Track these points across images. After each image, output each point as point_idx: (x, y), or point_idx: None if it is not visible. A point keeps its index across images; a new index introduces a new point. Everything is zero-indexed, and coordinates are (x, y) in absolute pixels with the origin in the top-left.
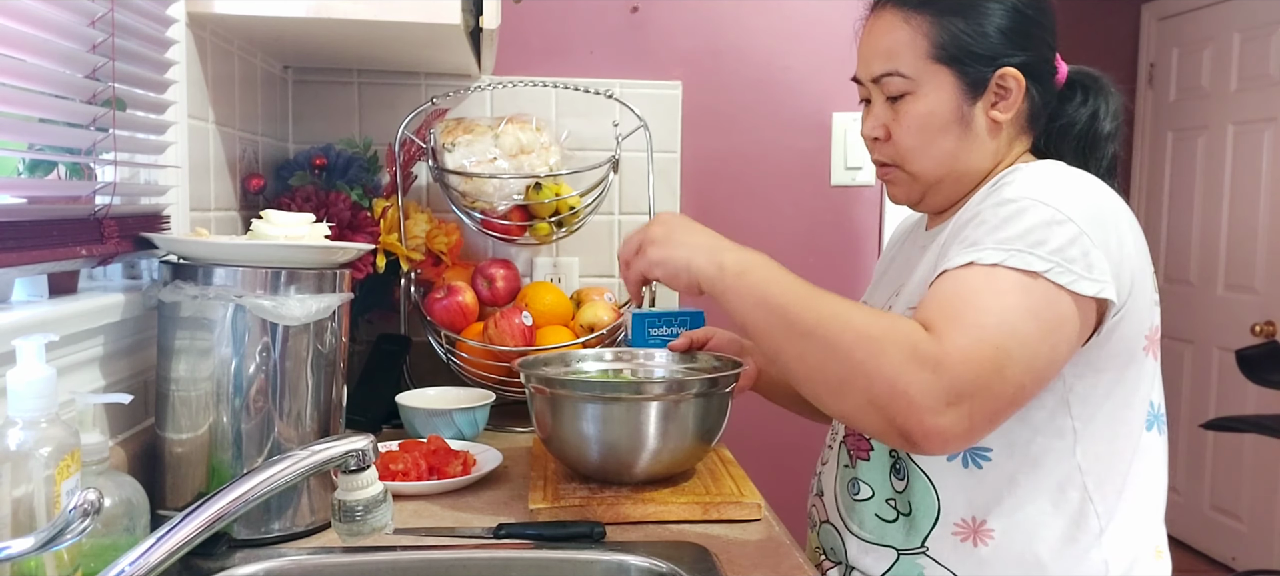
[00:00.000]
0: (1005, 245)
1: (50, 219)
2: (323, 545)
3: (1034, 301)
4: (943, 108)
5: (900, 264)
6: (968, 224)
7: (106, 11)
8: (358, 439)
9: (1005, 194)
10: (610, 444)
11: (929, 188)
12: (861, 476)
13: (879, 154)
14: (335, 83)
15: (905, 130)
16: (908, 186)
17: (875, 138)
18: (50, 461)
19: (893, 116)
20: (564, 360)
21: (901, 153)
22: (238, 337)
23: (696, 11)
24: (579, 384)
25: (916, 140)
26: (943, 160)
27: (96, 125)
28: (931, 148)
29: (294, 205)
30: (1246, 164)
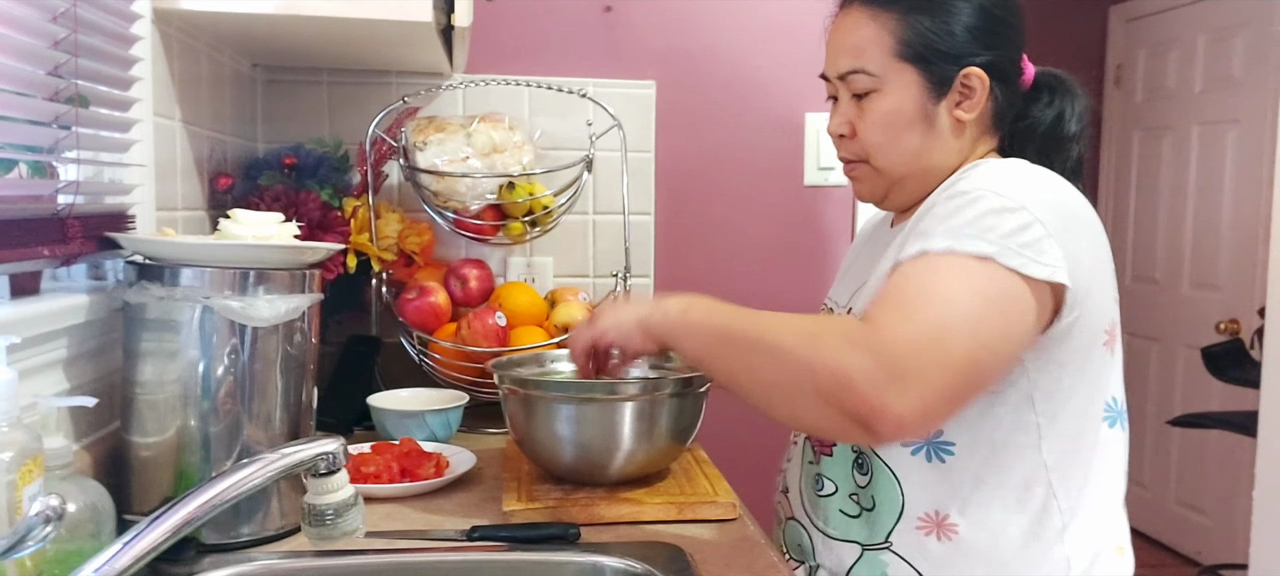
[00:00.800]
0: (955, 232)
1: (12, 218)
2: (293, 549)
3: (979, 281)
4: (907, 106)
5: (864, 260)
6: (923, 217)
7: (69, 7)
8: (328, 442)
9: (959, 187)
10: (584, 445)
11: (893, 184)
12: (825, 472)
13: (845, 150)
14: (305, 81)
15: (870, 127)
16: (872, 182)
17: (841, 134)
18: (12, 466)
19: (858, 113)
20: (538, 360)
21: (866, 149)
22: (205, 339)
23: (670, 11)
24: (552, 385)
25: (881, 137)
26: (907, 157)
27: (59, 123)
28: (896, 145)
29: (263, 205)
30: (1211, 164)
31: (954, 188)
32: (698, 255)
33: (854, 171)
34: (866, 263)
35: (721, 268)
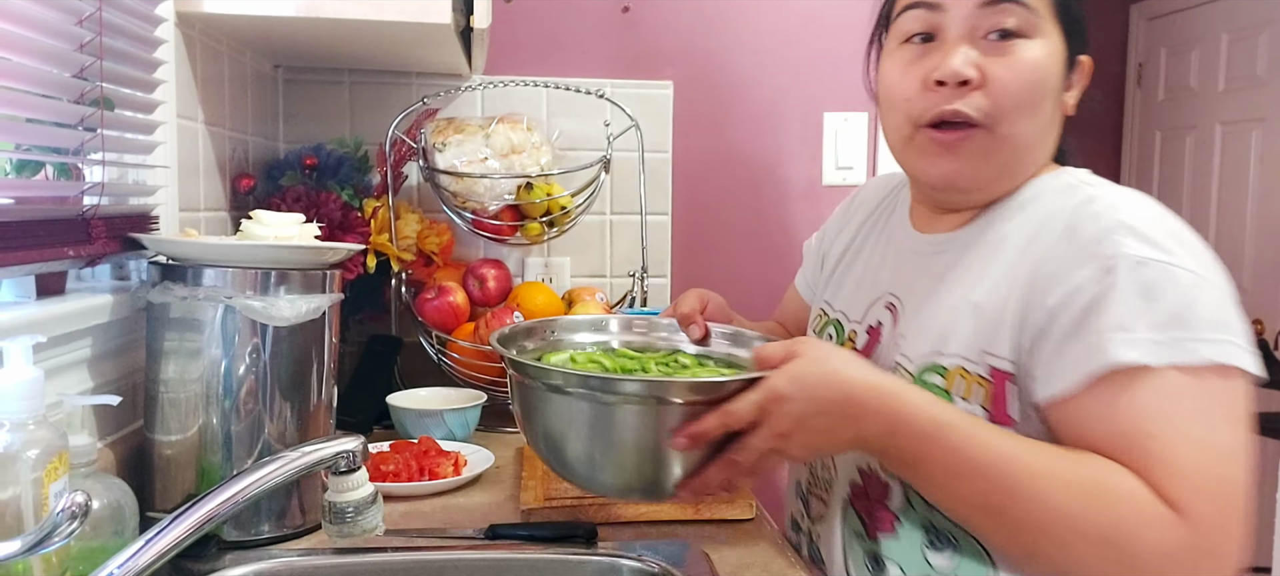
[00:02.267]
0: (1165, 332)
1: (38, 219)
2: (313, 546)
3: (1230, 405)
4: (1054, 66)
5: (876, 264)
6: (1087, 285)
7: (94, 10)
8: (348, 440)
9: (1125, 249)
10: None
11: (1005, 167)
12: (887, 554)
13: (960, 103)
14: (326, 82)
15: (1012, 77)
16: (983, 159)
17: (963, 80)
18: (38, 463)
19: (995, 58)
20: (549, 329)
21: (998, 106)
22: (227, 338)
23: (688, 11)
24: (571, 378)
25: (1023, 94)
26: (1035, 133)
27: (84, 125)
28: (1034, 110)
29: (284, 205)
30: (1234, 164)
31: (1118, 247)
32: (715, 255)
33: (960, 140)
34: (882, 268)
35: (739, 268)
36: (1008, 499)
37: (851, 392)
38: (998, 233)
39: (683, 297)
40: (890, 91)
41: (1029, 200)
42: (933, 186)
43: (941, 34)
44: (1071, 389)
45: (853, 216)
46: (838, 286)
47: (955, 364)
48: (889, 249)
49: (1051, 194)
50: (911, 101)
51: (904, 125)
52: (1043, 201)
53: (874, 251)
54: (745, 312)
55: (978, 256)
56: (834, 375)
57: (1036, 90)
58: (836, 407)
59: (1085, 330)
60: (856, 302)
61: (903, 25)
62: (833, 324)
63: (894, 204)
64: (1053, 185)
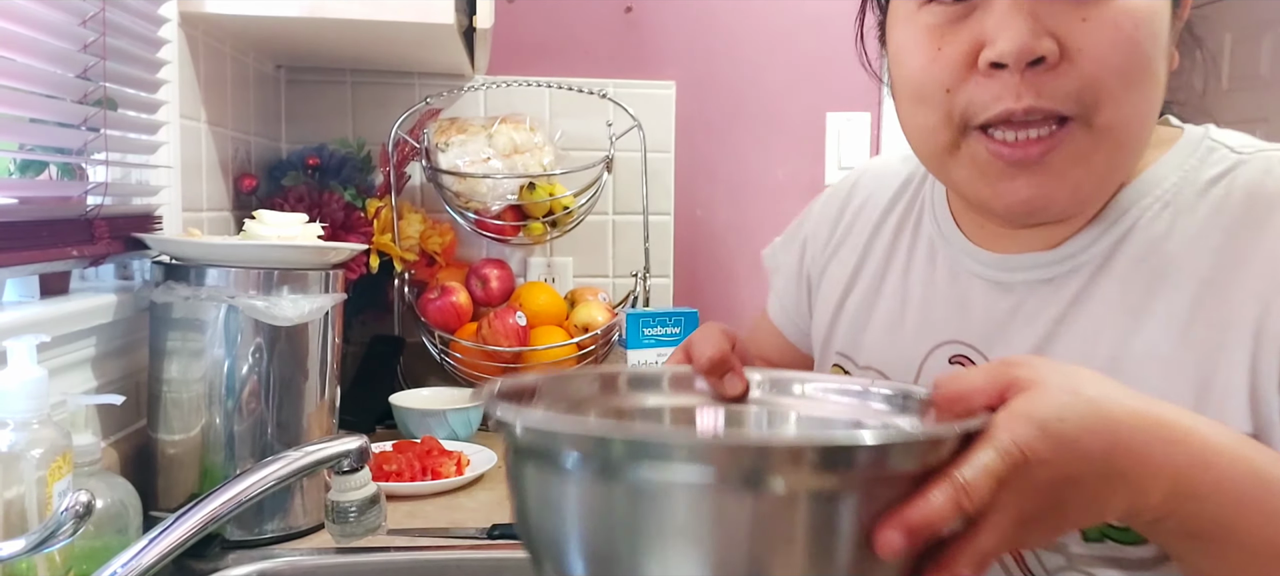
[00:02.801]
0: None
1: (41, 219)
2: (316, 546)
3: None
4: (1165, 9)
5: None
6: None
7: (98, 11)
8: (351, 440)
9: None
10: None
11: (1112, 169)
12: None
13: (1031, 93)
14: (328, 82)
15: (1114, 36)
16: (1081, 166)
17: (1037, 58)
18: (42, 463)
19: (1075, 19)
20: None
21: (1096, 86)
22: (230, 338)
23: (690, 12)
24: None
25: (1130, 61)
26: (1150, 109)
27: (88, 125)
28: (1145, 80)
29: (287, 205)
30: None
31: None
32: (717, 256)
33: (1044, 150)
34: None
35: (741, 269)
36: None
37: (1122, 437)
38: (1153, 246)
39: (700, 337)
40: (914, 78)
41: (1171, 191)
42: (1006, 217)
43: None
44: None
45: (851, 224)
46: (856, 330)
47: None
48: (934, 273)
49: (1202, 173)
50: (954, 94)
51: (942, 128)
52: (1193, 187)
53: (908, 280)
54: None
55: (1130, 285)
56: (1098, 410)
57: (1146, 52)
58: (1107, 463)
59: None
60: (897, 354)
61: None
62: (843, 366)
63: (917, 202)
64: (1193, 160)
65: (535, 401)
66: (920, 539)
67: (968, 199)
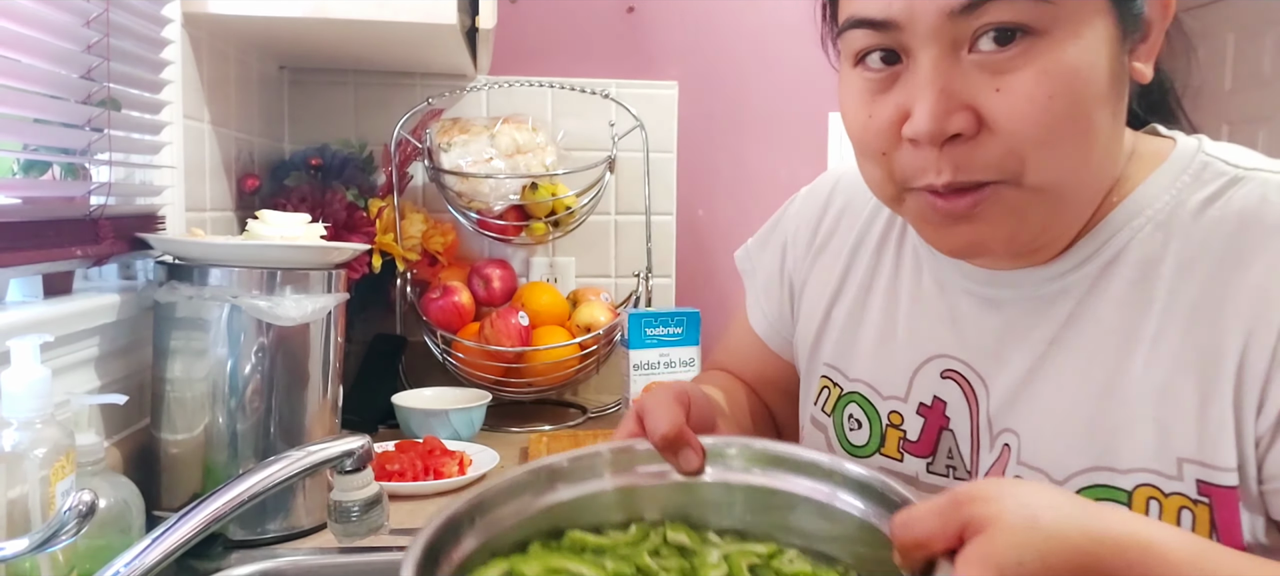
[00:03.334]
0: None
1: (45, 219)
2: (319, 546)
3: None
4: (1098, 57)
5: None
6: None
7: (101, 12)
8: (353, 439)
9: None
10: None
11: (1056, 210)
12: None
13: (951, 167)
14: (331, 83)
15: (1031, 105)
16: (1017, 217)
17: (953, 134)
18: (45, 462)
19: (993, 82)
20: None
21: (1020, 152)
22: (233, 338)
23: (692, 12)
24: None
25: (1057, 123)
26: (1092, 157)
27: (91, 125)
28: (1076, 136)
29: (290, 205)
30: None
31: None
32: (719, 255)
33: (972, 205)
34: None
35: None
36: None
37: (1086, 565)
38: (1146, 269)
39: (653, 407)
40: (856, 136)
41: (1163, 211)
42: (956, 256)
43: (908, 54)
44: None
45: (830, 234)
46: (845, 342)
47: (1140, 483)
48: (920, 286)
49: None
50: (889, 157)
51: (886, 183)
52: (1187, 209)
53: (897, 290)
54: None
55: (1123, 307)
56: (1057, 543)
57: (1070, 113)
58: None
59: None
60: (888, 368)
61: (850, 41)
62: (854, 400)
63: (901, 218)
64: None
65: (461, 540)
66: None
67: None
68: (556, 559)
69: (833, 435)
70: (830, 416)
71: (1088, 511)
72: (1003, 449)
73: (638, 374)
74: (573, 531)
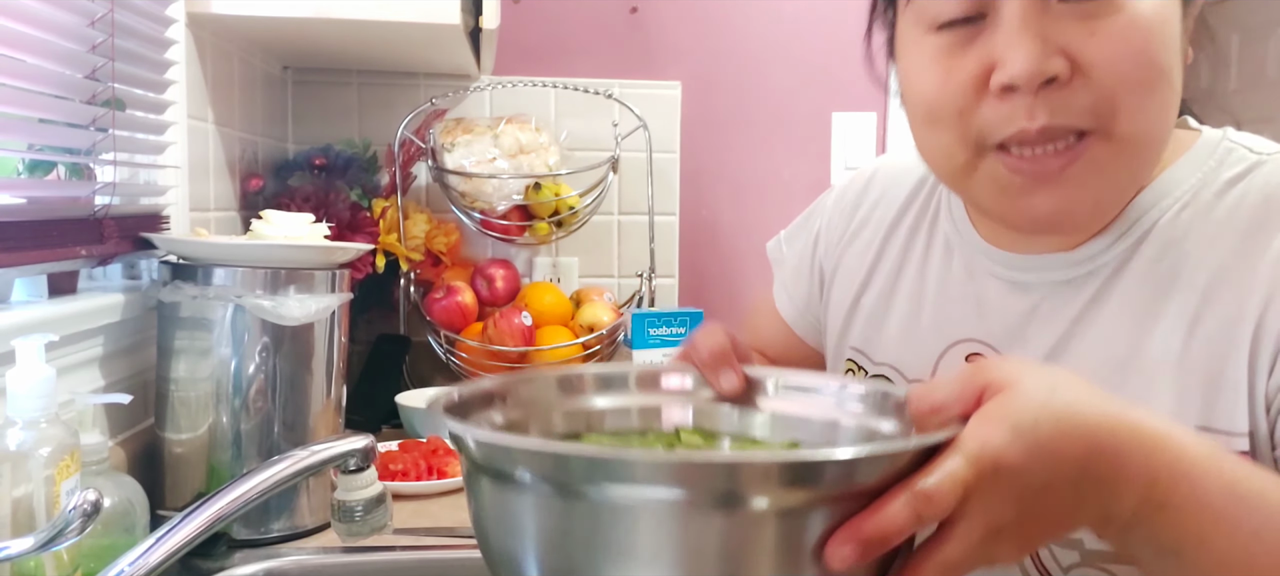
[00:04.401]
0: None
1: (50, 219)
2: (322, 545)
3: None
4: (1175, 9)
5: (933, 296)
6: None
7: (106, 12)
8: (357, 439)
9: None
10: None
11: (1134, 175)
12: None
13: (1046, 111)
14: (334, 83)
15: (1125, 48)
16: (1102, 176)
17: (1048, 78)
18: (50, 461)
19: (1083, 34)
20: (555, 387)
21: (1112, 98)
22: (237, 338)
23: (696, 12)
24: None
25: (1144, 70)
26: (1168, 112)
27: (96, 125)
28: (1161, 85)
29: (293, 205)
30: None
31: None
32: (722, 256)
33: (1063, 164)
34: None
35: (747, 269)
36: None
37: (1098, 442)
38: (1168, 247)
39: (702, 333)
40: (927, 101)
41: (1189, 193)
42: (1028, 231)
43: (992, 6)
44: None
45: (865, 221)
46: (872, 327)
47: None
48: (949, 271)
49: (1221, 173)
50: (967, 115)
51: (958, 148)
52: (1212, 188)
53: (925, 276)
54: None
55: (1146, 285)
56: (1073, 415)
57: (1159, 60)
58: (1081, 469)
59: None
60: (913, 352)
61: (928, 4)
62: (851, 369)
63: (933, 201)
64: (1211, 161)
65: (493, 408)
66: (875, 550)
67: (988, 214)
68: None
69: None
70: None
71: (1107, 397)
72: None
73: None
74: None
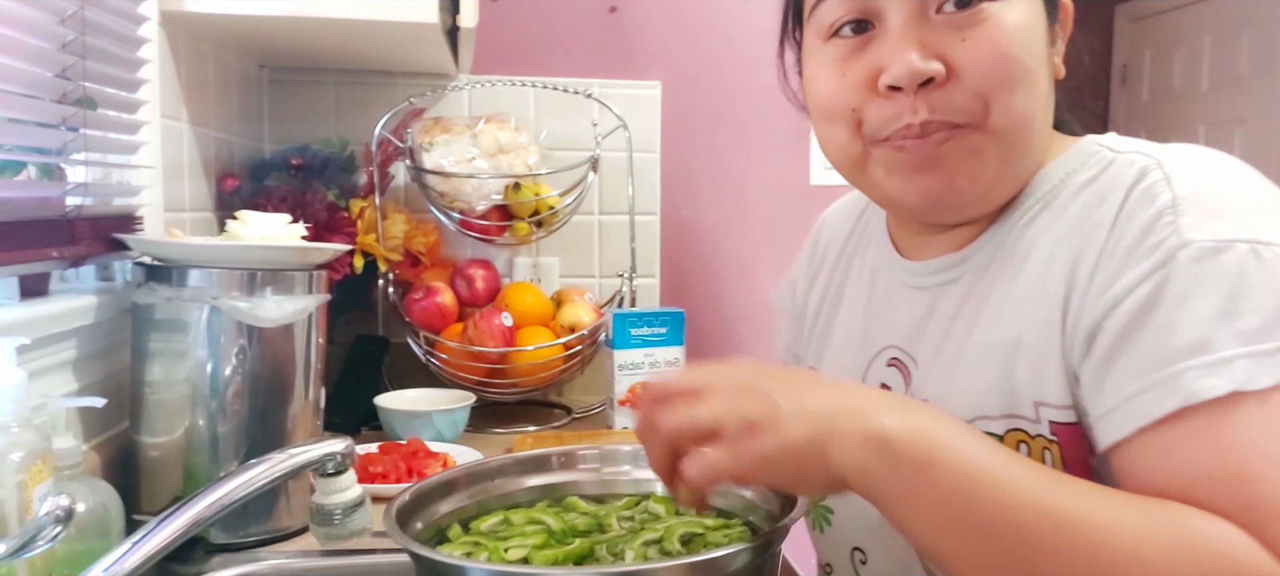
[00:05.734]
0: (1259, 342)
1: (21, 220)
2: (301, 549)
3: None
4: (1037, 22)
5: (863, 310)
6: (1137, 290)
7: (77, 10)
8: (336, 442)
9: (1189, 232)
10: None
11: (1005, 162)
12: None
13: (926, 108)
14: (311, 82)
15: (992, 52)
16: (976, 160)
17: (926, 79)
18: (21, 466)
19: (954, 37)
20: (479, 478)
21: (982, 96)
22: (213, 340)
23: (675, 12)
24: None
25: (1010, 71)
26: (1035, 107)
27: (67, 125)
28: (1026, 84)
29: (270, 206)
30: None
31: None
32: (703, 255)
33: (939, 144)
34: (874, 317)
35: (727, 268)
36: (1068, 556)
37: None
38: (1020, 242)
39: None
40: (826, 101)
41: (1051, 192)
42: (914, 209)
43: (879, 19)
44: (1134, 430)
45: (822, 258)
46: (822, 345)
47: (1007, 428)
48: (875, 289)
49: (1081, 175)
50: (859, 112)
51: (853, 141)
52: (1070, 188)
53: (857, 295)
54: (736, 319)
55: (1001, 278)
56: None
57: (1022, 61)
58: (813, 376)
59: (1142, 354)
60: (849, 362)
61: (824, 15)
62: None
63: (866, 231)
64: (1076, 163)
65: (458, 491)
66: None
67: (886, 196)
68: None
69: None
70: None
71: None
72: None
73: (622, 374)
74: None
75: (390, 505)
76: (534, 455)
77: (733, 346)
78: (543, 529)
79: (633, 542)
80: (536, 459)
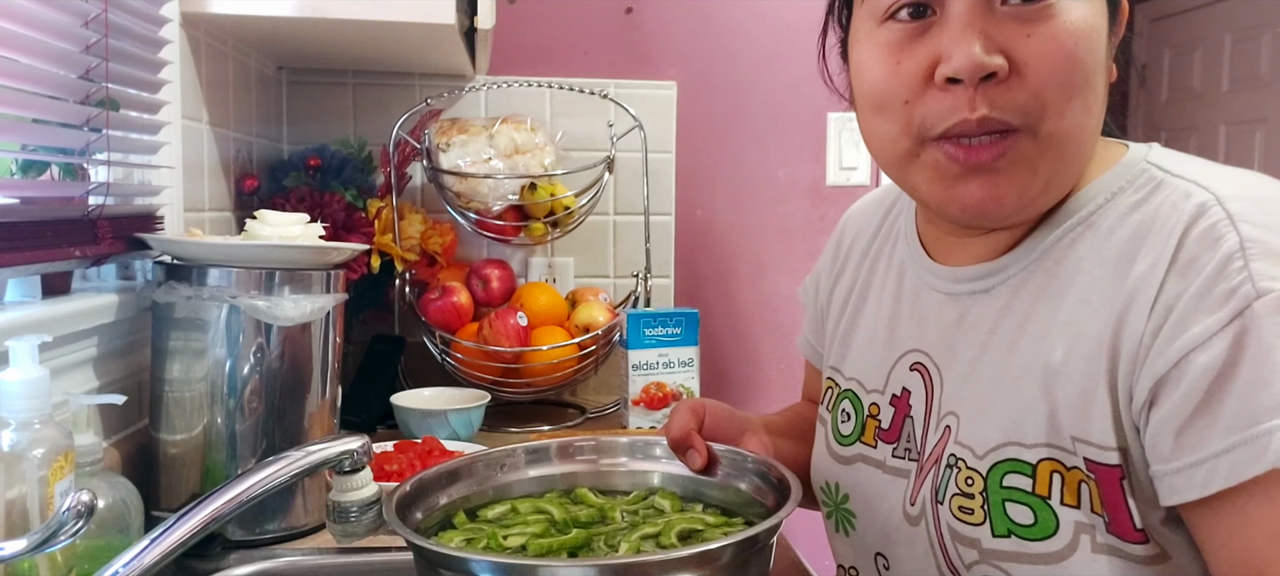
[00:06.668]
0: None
1: (44, 220)
2: (317, 546)
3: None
4: (1101, 24)
5: (889, 311)
6: (1215, 342)
7: (100, 12)
8: (352, 440)
9: (1264, 281)
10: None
11: (1055, 175)
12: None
13: (985, 104)
14: (329, 83)
15: (1058, 51)
16: (1028, 171)
17: (987, 74)
18: (44, 463)
19: (1019, 34)
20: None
21: (1042, 98)
22: (232, 338)
23: (691, 12)
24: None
25: (1072, 74)
26: (1090, 120)
27: (90, 126)
28: (1086, 92)
29: (288, 206)
30: (1238, 165)
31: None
32: (718, 255)
33: (996, 155)
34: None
35: (742, 268)
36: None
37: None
38: (1062, 263)
39: (674, 414)
40: (875, 90)
41: (1096, 211)
42: (960, 218)
43: (941, 5)
44: (1218, 490)
45: (847, 256)
46: (845, 346)
47: (1042, 457)
48: (902, 289)
49: (1127, 196)
50: (912, 105)
51: (902, 138)
52: (1117, 208)
53: (883, 295)
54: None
55: (1042, 300)
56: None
57: (1086, 66)
58: None
59: (1226, 411)
60: (871, 365)
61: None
62: (847, 396)
63: (892, 229)
64: (1123, 181)
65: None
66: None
67: (926, 202)
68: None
69: (830, 429)
70: (830, 412)
71: None
72: (944, 430)
73: (636, 374)
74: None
75: (390, 496)
76: (539, 446)
77: (747, 347)
78: (546, 518)
79: (630, 536)
80: (541, 449)
